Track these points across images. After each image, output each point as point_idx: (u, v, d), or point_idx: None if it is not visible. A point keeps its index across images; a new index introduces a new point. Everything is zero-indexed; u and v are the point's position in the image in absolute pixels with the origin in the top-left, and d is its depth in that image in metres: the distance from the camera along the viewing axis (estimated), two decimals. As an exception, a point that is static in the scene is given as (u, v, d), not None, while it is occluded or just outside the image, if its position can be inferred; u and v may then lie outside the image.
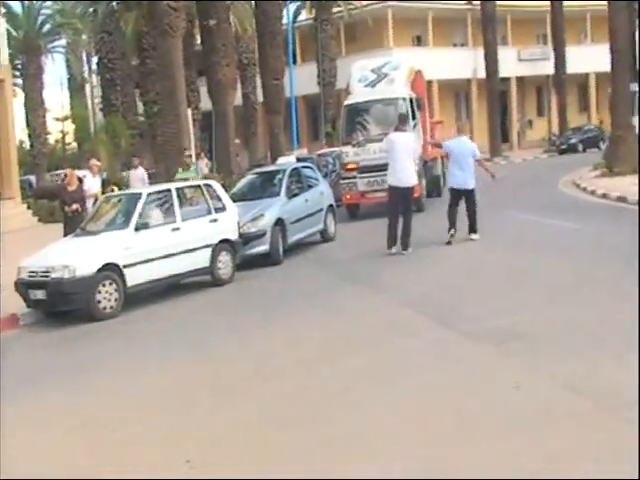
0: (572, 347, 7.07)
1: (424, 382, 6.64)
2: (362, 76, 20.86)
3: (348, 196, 20.05)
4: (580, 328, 7.71)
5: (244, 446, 5.72)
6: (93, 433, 6.44)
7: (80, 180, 15.80)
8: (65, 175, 16.32)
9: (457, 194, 14.17)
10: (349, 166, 19.93)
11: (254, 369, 7.72)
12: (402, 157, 13.63)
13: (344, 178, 20.10)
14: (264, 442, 5.73)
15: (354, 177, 19.76)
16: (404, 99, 19.71)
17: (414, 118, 19.37)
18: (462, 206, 14.17)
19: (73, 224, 14.05)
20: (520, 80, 48.28)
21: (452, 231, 13.86)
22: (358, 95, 20.54)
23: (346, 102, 20.82)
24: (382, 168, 18.51)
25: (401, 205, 13.67)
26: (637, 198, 17.06)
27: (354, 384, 6.80)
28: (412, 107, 19.56)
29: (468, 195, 14.11)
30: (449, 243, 13.71)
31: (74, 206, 14.78)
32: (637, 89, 28.22)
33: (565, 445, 5.04)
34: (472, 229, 14.06)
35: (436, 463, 5.01)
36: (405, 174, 13.62)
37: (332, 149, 27.34)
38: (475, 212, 14.10)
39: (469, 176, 14.09)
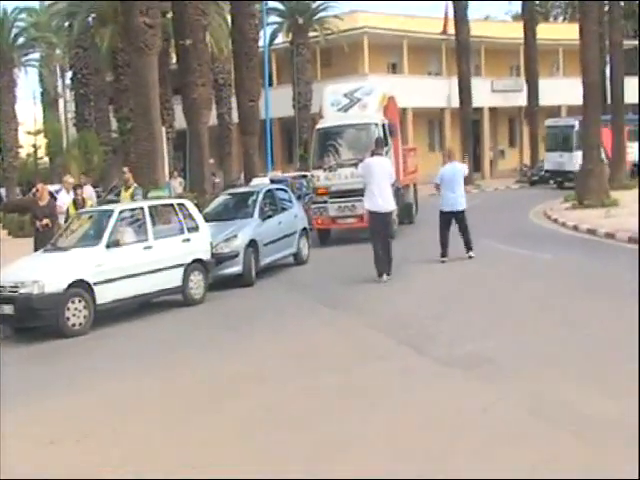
0: (540, 372, 7.20)
1: (392, 404, 6.70)
2: (335, 100, 20.68)
3: (319, 221, 19.78)
4: (549, 354, 7.86)
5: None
6: (68, 449, 6.34)
7: (51, 195, 15.67)
8: (36, 189, 16.16)
9: (448, 216, 14.79)
10: (320, 190, 19.75)
11: (226, 385, 7.73)
12: (380, 182, 13.40)
13: (315, 202, 19.90)
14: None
15: (325, 202, 19.58)
16: (376, 125, 19.52)
17: (386, 144, 18.97)
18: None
19: (43, 239, 13.93)
20: (493, 110, 48.78)
21: (444, 257, 14.60)
22: (330, 119, 20.35)
23: (318, 126, 20.65)
24: (353, 193, 18.57)
25: (381, 230, 13.47)
26: (605, 231, 17.29)
27: (323, 405, 6.81)
28: (384, 133, 19.31)
29: (460, 216, 14.83)
30: (443, 262, 14.51)
31: (45, 221, 14.67)
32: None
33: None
34: (468, 247, 14.82)
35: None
36: (383, 199, 13.40)
37: (298, 173, 27.35)
38: (468, 231, 14.85)
39: (460, 197, 14.87)
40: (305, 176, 24.81)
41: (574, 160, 32.98)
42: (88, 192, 18.22)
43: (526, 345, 8.31)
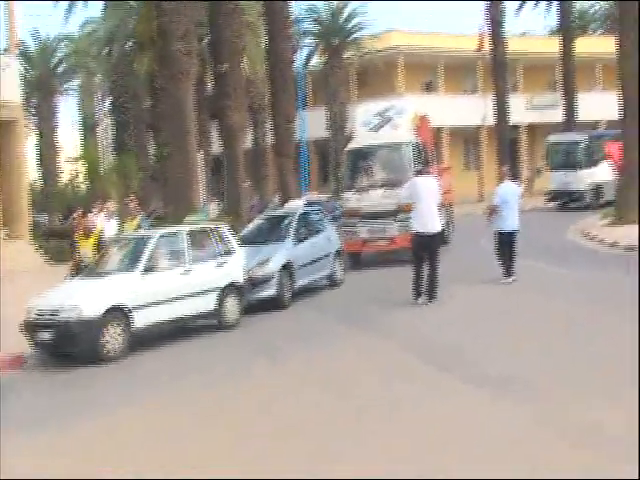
0: (568, 393, 7.24)
1: (419, 423, 6.78)
2: (366, 120, 20.42)
3: (349, 244, 19.05)
4: (576, 375, 7.90)
5: None
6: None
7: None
8: (74, 217, 16.31)
9: (505, 237, 14.58)
10: (350, 212, 19.31)
11: (258, 411, 7.79)
12: (428, 202, 13.22)
13: (345, 225, 19.40)
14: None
15: (355, 224, 19.10)
16: (407, 144, 19.22)
17: (419, 164, 18.76)
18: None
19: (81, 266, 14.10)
20: (530, 127, 48.42)
21: (511, 278, 14.35)
22: (361, 139, 20.09)
23: (349, 146, 20.43)
24: (384, 215, 18.37)
25: (427, 253, 13.20)
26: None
27: (351, 425, 6.90)
28: (418, 153, 19.07)
29: (514, 237, 14.66)
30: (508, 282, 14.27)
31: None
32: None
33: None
34: (511, 270, 14.46)
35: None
36: (431, 220, 13.20)
37: (326, 195, 27.21)
38: (515, 254, 14.61)
39: (517, 218, 14.72)
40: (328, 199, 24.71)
41: (580, 179, 32.00)
42: (102, 221, 16.16)
43: (557, 367, 8.31)
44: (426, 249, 13.23)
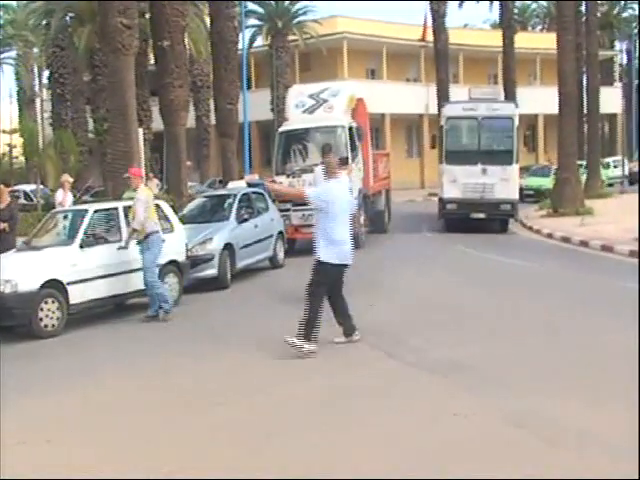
0: (517, 381, 7.20)
1: (370, 410, 6.66)
2: (299, 101, 19.47)
3: None
4: (525, 363, 7.87)
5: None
6: (35, 450, 6.26)
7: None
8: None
9: None
10: (282, 198, 17.84)
11: (193, 394, 7.63)
12: (344, 217, 11.86)
13: (278, 210, 17.76)
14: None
15: (287, 210, 18.03)
16: (343, 127, 18.41)
17: (354, 149, 18.41)
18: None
19: (4, 243, 13.42)
20: (470, 118, 48.93)
21: None
22: (294, 121, 19.21)
23: (281, 128, 19.61)
24: None
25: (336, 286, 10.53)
26: (580, 239, 17.44)
27: (298, 412, 6.76)
28: (352, 136, 18.38)
29: None
30: None
31: (2, 225, 14.00)
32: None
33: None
34: None
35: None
36: (349, 242, 11.73)
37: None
38: None
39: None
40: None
41: (512, 182, 20.81)
42: (61, 194, 16.65)
43: (508, 355, 8.29)
44: (335, 281, 11.22)
